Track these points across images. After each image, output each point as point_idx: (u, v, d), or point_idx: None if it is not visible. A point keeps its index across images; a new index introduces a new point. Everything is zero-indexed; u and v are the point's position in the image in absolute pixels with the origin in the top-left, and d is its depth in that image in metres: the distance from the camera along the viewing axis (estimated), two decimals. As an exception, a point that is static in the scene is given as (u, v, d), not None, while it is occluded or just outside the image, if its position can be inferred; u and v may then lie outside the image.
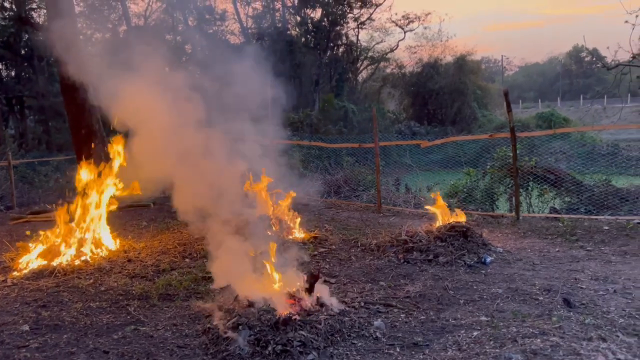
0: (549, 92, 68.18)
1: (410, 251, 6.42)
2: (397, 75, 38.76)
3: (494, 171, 10.97)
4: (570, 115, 36.72)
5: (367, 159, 14.89)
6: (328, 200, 11.95)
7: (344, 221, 9.29)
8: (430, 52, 37.15)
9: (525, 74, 78.41)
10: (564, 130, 11.85)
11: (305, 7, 33.32)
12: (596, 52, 64.52)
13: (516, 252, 6.53)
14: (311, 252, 6.76)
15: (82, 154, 11.73)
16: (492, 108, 37.40)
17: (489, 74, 58.69)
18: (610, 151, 21.84)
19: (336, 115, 29.55)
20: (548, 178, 10.20)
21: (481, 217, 9.20)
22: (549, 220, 8.48)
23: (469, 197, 11.30)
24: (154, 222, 9.42)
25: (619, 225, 7.66)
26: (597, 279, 5.20)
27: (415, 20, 36.12)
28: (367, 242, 7.16)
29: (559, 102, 55.93)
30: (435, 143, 11.11)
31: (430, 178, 16.37)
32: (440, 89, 34.95)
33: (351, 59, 36.15)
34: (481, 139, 12.35)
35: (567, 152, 18.03)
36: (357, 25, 35.30)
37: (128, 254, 7.08)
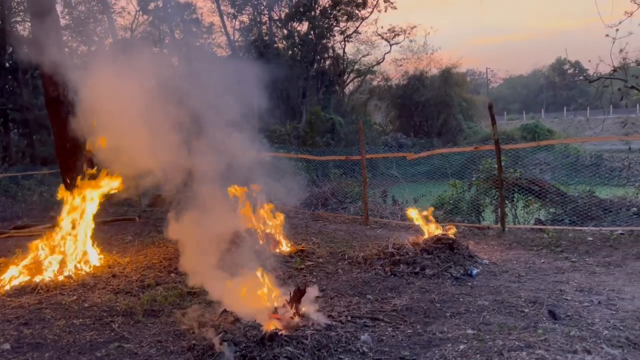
0: (533, 103, 69.11)
1: (397, 264, 6.42)
2: (384, 88, 39.04)
3: (480, 183, 11.05)
4: (554, 126, 37.20)
5: (355, 171, 14.93)
6: (315, 212, 11.94)
7: (331, 234, 9.28)
8: (416, 64, 37.53)
9: (509, 86, 79.46)
10: (547, 143, 11.99)
11: (292, 20, 33.52)
12: (578, 64, 65.70)
13: (502, 264, 6.56)
14: (298, 265, 6.74)
15: (67, 168, 11.65)
16: (477, 120, 37.78)
17: (474, 86, 59.34)
18: (593, 162, 22.14)
19: (323, 127, 29.64)
20: (533, 189, 10.29)
21: (467, 228, 9.25)
22: (534, 231, 8.55)
23: (455, 208, 11.35)
24: (139, 237, 9.33)
25: (602, 236, 7.75)
26: (582, 290, 5.24)
27: (401, 34, 36.49)
28: (354, 255, 7.16)
29: (543, 114, 56.69)
30: (421, 155, 11.19)
31: (417, 189, 16.43)
32: (426, 101, 35.25)
33: (338, 72, 36.36)
34: (467, 151, 12.44)
35: (551, 163, 18.24)
36: (344, 38, 35.58)
37: (112, 269, 7.00)
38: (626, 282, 5.44)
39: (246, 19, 36.38)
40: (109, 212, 12.38)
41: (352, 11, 33.69)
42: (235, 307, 4.45)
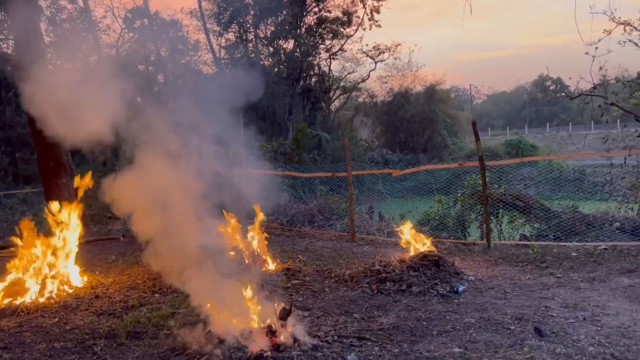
0: (517, 119, 70.10)
1: (384, 281, 6.41)
2: (369, 104, 39.37)
3: (465, 199, 11.12)
4: (538, 142, 37.71)
5: (341, 187, 14.93)
6: (302, 229, 11.90)
7: (317, 251, 9.24)
8: (401, 81, 37.93)
9: (493, 102, 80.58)
10: (531, 159, 12.16)
11: (278, 38, 33.76)
12: (560, 81, 66.99)
13: (488, 280, 6.58)
14: (284, 284, 6.69)
15: (50, 187, 11.51)
16: (462, 135, 38.17)
17: (458, 102, 60.08)
18: (577, 177, 22.44)
19: (310, 144, 29.71)
20: (517, 205, 10.38)
21: (453, 244, 9.28)
22: (520, 247, 8.61)
23: (441, 224, 11.39)
24: (123, 256, 9.21)
25: (586, 251, 7.82)
26: (567, 307, 5.26)
27: (386, 51, 36.93)
28: (340, 272, 7.13)
29: (527, 129, 57.48)
30: (406, 172, 11.26)
31: (403, 205, 16.48)
32: (411, 118, 35.57)
33: (324, 89, 36.60)
34: (451, 167, 12.54)
35: (535, 179, 18.45)
36: (329, 56, 35.90)
37: (95, 289, 6.88)
38: (610, 298, 5.49)
39: (232, 37, 36.58)
40: (92, 232, 12.23)
41: (337, 29, 34.09)
42: (220, 327, 4.39)
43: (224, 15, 34.51)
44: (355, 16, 34.18)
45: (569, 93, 17.82)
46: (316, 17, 33.93)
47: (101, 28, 32.82)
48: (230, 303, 4.76)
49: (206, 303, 4.90)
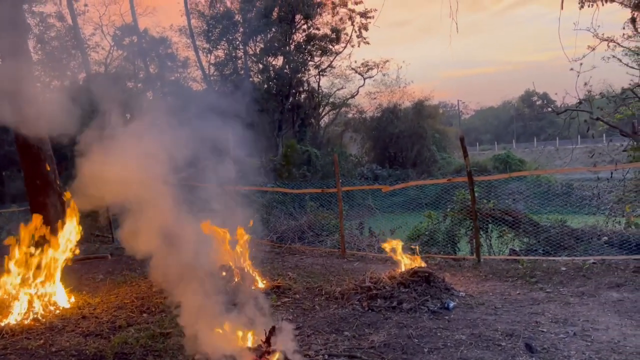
0: (505, 134, 70.79)
1: (374, 298, 6.38)
2: (359, 120, 39.57)
3: (454, 214, 11.16)
4: (525, 156, 38.08)
5: (331, 202, 14.92)
6: (292, 246, 11.85)
7: (307, 268, 9.19)
8: (390, 97, 38.21)
9: (481, 118, 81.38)
10: (519, 174, 12.30)
11: (267, 55, 33.95)
12: (546, 96, 67.72)
13: (478, 296, 6.57)
14: (274, 302, 6.63)
15: (37, 205, 11.36)
16: (450, 150, 38.43)
17: (446, 117, 60.55)
18: (564, 191, 22.60)
19: (299, 160, 29.74)
20: (506, 220, 10.43)
21: (443, 260, 9.28)
22: (509, 262, 8.63)
23: (431, 240, 11.40)
24: (111, 275, 9.10)
25: (575, 265, 7.86)
26: (557, 322, 5.27)
27: (374, 68, 37.24)
28: (331, 289, 7.08)
29: (514, 144, 58.03)
30: (396, 188, 11.29)
31: (394, 220, 16.48)
32: (400, 133, 35.77)
33: (313, 105, 36.76)
34: (440, 183, 12.61)
35: (524, 193, 18.55)
36: (318, 72, 36.13)
37: (82, 310, 6.78)
38: (600, 313, 5.50)
39: (221, 54, 36.73)
40: (80, 250, 12.06)
41: (326, 46, 34.36)
42: (209, 348, 4.33)
43: (213, 32, 34.69)
44: (343, 33, 34.53)
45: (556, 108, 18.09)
46: (305, 35, 34.21)
47: (90, 45, 32.81)
48: (220, 322, 4.71)
49: (195, 323, 4.84)
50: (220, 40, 35.07)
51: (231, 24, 33.59)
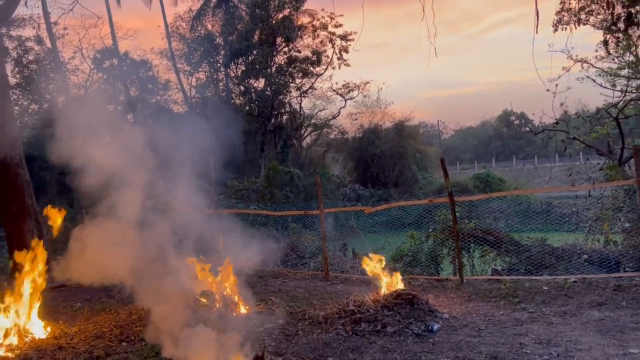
0: (484, 153, 71.71)
1: (358, 322, 6.32)
2: (340, 141, 39.78)
3: (436, 234, 11.19)
4: (505, 175, 38.52)
5: (315, 223, 14.88)
6: (275, 269, 11.73)
7: (291, 292, 9.10)
8: (371, 118, 38.54)
9: (460, 137, 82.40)
10: (499, 195, 12.49)
11: (249, 77, 34.11)
12: (524, 116, 69.14)
13: (462, 318, 6.56)
14: (256, 328, 6.52)
15: (13, 232, 11.12)
16: (431, 170, 38.75)
17: (427, 137, 61.24)
18: (544, 209, 22.90)
19: (282, 181, 29.69)
20: (488, 239, 10.50)
21: (427, 281, 9.28)
22: (492, 282, 8.65)
23: (414, 260, 11.41)
24: (89, 303, 8.89)
25: (557, 284, 7.91)
26: (541, 343, 5.27)
27: (355, 89, 37.63)
28: (314, 314, 7.00)
29: (494, 163, 58.81)
30: (378, 209, 11.33)
31: (377, 241, 16.47)
32: (381, 153, 36.02)
33: (295, 126, 36.91)
34: (422, 204, 12.68)
35: (505, 211, 18.74)
36: (300, 94, 36.37)
37: (59, 340, 6.58)
38: (582, 333, 5.52)
39: (203, 76, 36.78)
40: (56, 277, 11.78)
41: (307, 68, 34.68)
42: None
43: (194, 55, 34.78)
44: (324, 56, 34.91)
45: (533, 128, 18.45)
46: (286, 57, 34.51)
47: (69, 69, 32.60)
48: (202, 351, 4.61)
49: (176, 352, 4.74)
50: (202, 62, 35.16)
51: (212, 47, 33.73)
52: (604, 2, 10.01)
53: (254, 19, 32.51)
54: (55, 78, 29.75)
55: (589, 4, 10.66)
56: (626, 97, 13.93)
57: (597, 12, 11.35)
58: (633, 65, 14.60)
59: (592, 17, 12.42)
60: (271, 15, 32.69)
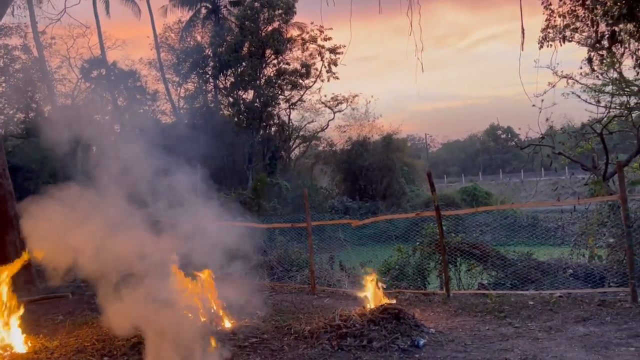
0: (471, 166, 72.23)
1: (344, 337, 6.27)
2: (329, 153, 39.85)
3: (423, 248, 11.20)
4: (492, 189, 38.85)
5: (302, 235, 14.80)
6: (261, 282, 11.64)
7: (277, 305, 9.02)
8: (359, 131, 38.66)
9: (448, 150, 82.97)
10: (485, 209, 12.56)
11: (238, 89, 34.12)
12: (510, 130, 69.92)
13: (448, 332, 6.54)
14: (241, 343, 6.44)
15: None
16: (419, 183, 38.91)
17: (414, 150, 61.58)
18: (530, 223, 23.06)
19: (270, 193, 29.62)
20: (474, 253, 10.52)
21: (413, 295, 9.27)
22: (478, 296, 8.66)
23: (401, 274, 11.39)
24: (71, 316, 8.72)
25: (542, 299, 7.94)
26: (526, 358, 5.27)
27: (344, 102, 37.78)
28: (300, 328, 6.94)
29: (481, 177, 59.23)
30: (365, 222, 11.34)
31: (364, 253, 16.42)
32: (369, 166, 36.12)
33: (284, 138, 36.91)
34: (409, 217, 12.70)
35: (491, 225, 18.85)
36: (289, 106, 36.43)
37: (39, 355, 6.44)
38: (567, 348, 5.53)
39: (191, 87, 36.72)
40: (38, 289, 11.58)
41: (296, 81, 34.78)
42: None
43: (183, 66, 34.74)
44: (313, 68, 35.05)
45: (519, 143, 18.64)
46: (275, 69, 34.60)
47: (57, 78, 32.35)
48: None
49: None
50: (190, 73, 35.13)
51: (201, 58, 33.73)
52: (588, 20, 10.17)
53: (243, 31, 32.60)
54: (41, 87, 29.50)
55: (573, 21, 10.82)
56: (610, 113, 14.14)
57: (582, 30, 11.54)
58: (617, 82, 14.83)
59: (577, 34, 12.63)
60: (261, 28, 32.81)
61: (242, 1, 34.53)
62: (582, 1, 9.78)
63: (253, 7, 32.53)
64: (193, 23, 36.13)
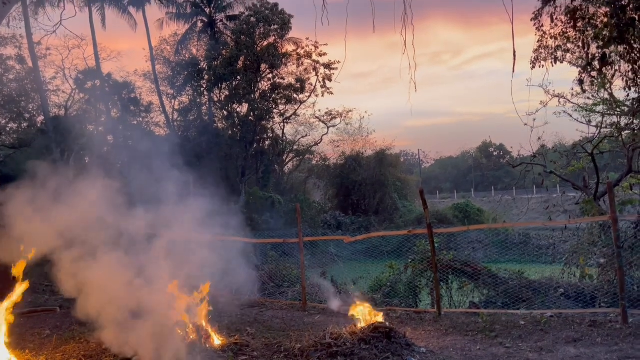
0: (464, 183, 72.53)
1: (335, 356, 6.22)
2: (322, 167, 39.88)
3: (415, 265, 11.19)
4: (484, 205, 38.97)
5: (294, 250, 14.74)
6: (252, 298, 11.56)
7: (267, 322, 8.96)
8: (353, 146, 38.79)
9: (440, 167, 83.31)
10: (477, 227, 12.53)
11: (232, 102, 34.16)
12: (503, 147, 70.41)
13: (439, 352, 6.51)
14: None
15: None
16: (411, 199, 38.95)
17: (407, 166, 61.81)
18: (522, 240, 23.15)
19: (263, 206, 29.55)
20: (466, 271, 10.52)
21: (405, 313, 9.23)
22: (469, 315, 8.64)
23: (393, 291, 11.35)
24: (59, 330, 8.61)
25: (533, 319, 7.93)
26: (517, 380, 5.24)
27: (338, 117, 37.89)
28: (290, 346, 6.88)
29: (473, 193, 59.45)
30: (358, 239, 11.32)
31: (356, 269, 16.38)
32: (362, 181, 36.18)
33: (277, 152, 36.92)
34: (401, 234, 12.71)
35: (483, 242, 18.90)
36: (283, 120, 36.49)
37: (24, 371, 6.34)
38: (558, 370, 5.51)
39: (186, 100, 36.75)
40: (26, 302, 11.42)
41: (291, 95, 34.89)
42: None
43: (178, 78, 34.79)
44: (308, 83, 35.17)
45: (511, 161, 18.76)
46: (270, 83, 34.70)
47: (51, 89, 32.27)
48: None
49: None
50: (185, 86, 35.18)
51: (196, 71, 33.81)
52: (579, 42, 10.30)
53: (239, 46, 32.74)
54: (35, 97, 29.41)
55: (565, 43, 10.95)
56: (601, 133, 14.27)
57: (573, 51, 11.68)
58: (608, 102, 14.98)
59: (568, 54, 12.78)
60: (256, 42, 32.97)
61: (239, 16, 34.75)
62: (574, 23, 9.90)
63: (249, 21, 32.72)
64: (189, 36, 36.27)
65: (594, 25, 9.76)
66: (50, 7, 30.87)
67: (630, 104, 12.55)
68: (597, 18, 9.84)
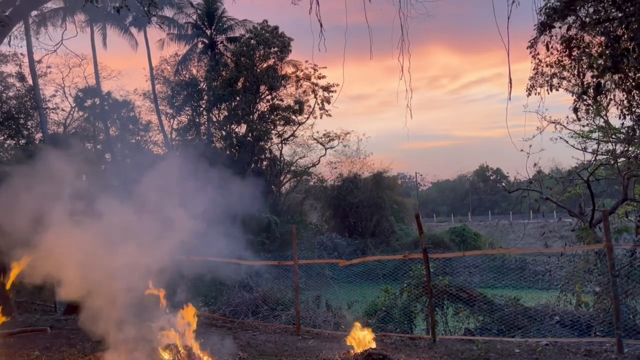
0: (460, 206, 72.49)
1: (327, 383, 6.14)
2: (319, 188, 39.93)
3: (411, 290, 11.12)
4: (481, 229, 38.91)
5: (289, 272, 14.63)
6: (245, 321, 11.44)
7: (260, 346, 8.84)
8: (350, 167, 38.92)
9: (437, 190, 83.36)
10: (473, 253, 12.50)
11: (231, 122, 34.34)
12: (499, 171, 70.63)
13: (433, 380, 6.43)
14: (221, 386, 6.28)
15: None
16: (408, 221, 38.91)
17: (404, 189, 61.85)
18: (518, 265, 23.08)
19: (259, 227, 29.45)
20: (461, 297, 10.45)
21: (399, 339, 9.13)
22: (464, 342, 8.55)
23: (388, 316, 11.26)
24: (48, 351, 8.47)
25: (528, 347, 7.85)
26: (511, 411, 5.17)
27: (336, 139, 38.08)
28: (282, 372, 6.79)
29: (470, 217, 59.37)
30: (353, 262, 11.25)
31: (352, 292, 16.28)
32: (359, 203, 36.19)
33: (275, 172, 36.98)
34: (397, 259, 12.67)
35: (479, 266, 18.82)
36: (281, 141, 36.64)
37: (10, 393, 6.23)
38: (553, 401, 5.44)
39: (185, 119, 36.94)
40: (17, 322, 11.29)
41: (289, 117, 35.11)
42: None
43: (177, 98, 35.02)
44: (306, 105, 35.44)
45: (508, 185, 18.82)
46: (269, 105, 34.96)
47: (50, 107, 32.42)
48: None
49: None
50: (184, 106, 35.39)
51: (196, 91, 34.06)
52: (574, 70, 10.41)
53: (238, 67, 33.06)
54: (34, 115, 29.52)
55: (560, 71, 11.08)
56: (597, 159, 14.33)
57: (569, 79, 11.81)
58: (603, 130, 15.09)
59: (564, 82, 12.91)
60: (256, 64, 33.31)
61: (239, 38, 35.15)
62: (569, 52, 10.02)
63: (249, 44, 33.10)
64: (189, 57, 36.63)
65: (589, 54, 9.87)
66: (52, 26, 31.24)
67: (625, 131, 12.64)
68: (592, 47, 9.97)
